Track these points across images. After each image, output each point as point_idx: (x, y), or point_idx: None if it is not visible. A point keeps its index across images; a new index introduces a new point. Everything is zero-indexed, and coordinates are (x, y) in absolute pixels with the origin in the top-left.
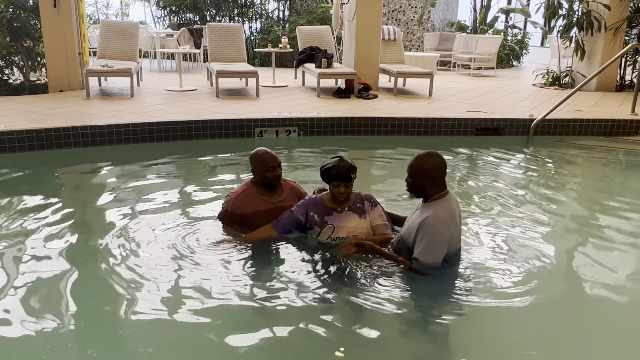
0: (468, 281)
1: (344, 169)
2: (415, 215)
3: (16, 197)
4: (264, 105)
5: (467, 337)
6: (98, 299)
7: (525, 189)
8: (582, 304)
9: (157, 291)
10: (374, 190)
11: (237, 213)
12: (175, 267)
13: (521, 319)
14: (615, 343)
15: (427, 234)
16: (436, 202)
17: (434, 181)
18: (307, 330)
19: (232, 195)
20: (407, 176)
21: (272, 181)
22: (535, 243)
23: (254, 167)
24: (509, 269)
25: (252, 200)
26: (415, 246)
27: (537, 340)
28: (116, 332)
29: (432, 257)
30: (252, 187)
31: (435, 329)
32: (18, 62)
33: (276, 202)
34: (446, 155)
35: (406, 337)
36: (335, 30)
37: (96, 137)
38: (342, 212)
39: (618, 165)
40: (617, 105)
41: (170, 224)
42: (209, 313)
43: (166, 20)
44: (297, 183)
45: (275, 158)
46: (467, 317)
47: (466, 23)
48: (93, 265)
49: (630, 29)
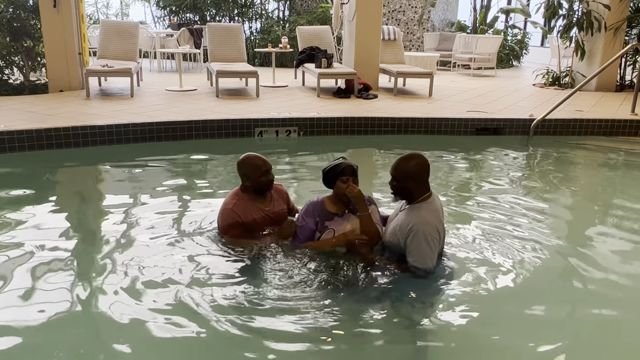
0: (464, 280)
1: (350, 165)
2: (402, 217)
3: (16, 197)
4: (264, 105)
5: (461, 335)
6: (98, 299)
7: (525, 188)
8: (581, 303)
9: (157, 292)
10: (374, 190)
11: (241, 221)
12: (175, 268)
13: (520, 318)
14: (612, 342)
15: (418, 240)
16: (420, 205)
17: (419, 182)
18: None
19: (228, 206)
20: (391, 179)
21: (265, 186)
22: (535, 243)
23: (245, 173)
24: (508, 268)
25: (248, 209)
26: (408, 253)
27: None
28: (113, 332)
29: (430, 262)
30: (243, 195)
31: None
32: (18, 62)
33: (268, 210)
34: (446, 155)
35: (398, 337)
36: (335, 30)
37: (96, 137)
38: (342, 216)
39: (618, 166)
40: (617, 105)
41: (170, 224)
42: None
43: (166, 20)
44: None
45: (267, 162)
46: (460, 316)
47: (466, 23)
48: (93, 266)
49: (630, 29)
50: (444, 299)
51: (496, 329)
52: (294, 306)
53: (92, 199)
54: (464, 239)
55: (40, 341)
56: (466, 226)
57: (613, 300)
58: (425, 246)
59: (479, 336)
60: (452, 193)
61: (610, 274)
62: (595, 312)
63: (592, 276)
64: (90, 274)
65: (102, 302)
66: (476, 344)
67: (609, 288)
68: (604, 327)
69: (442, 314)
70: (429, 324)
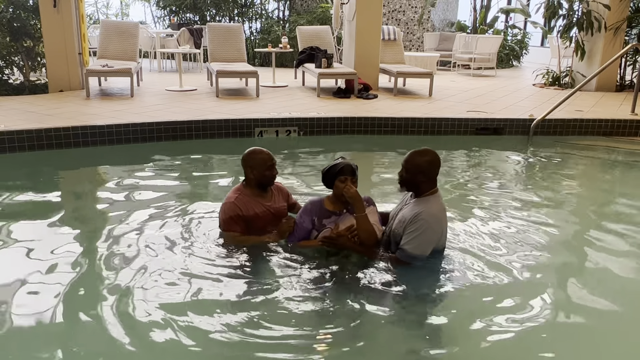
0: (464, 280)
1: (349, 165)
2: (408, 209)
3: (16, 197)
4: (264, 105)
5: (461, 335)
6: (97, 300)
7: (525, 188)
8: (580, 302)
9: (157, 292)
10: (374, 191)
11: (242, 215)
12: (175, 268)
13: (521, 318)
14: (612, 342)
15: (419, 227)
16: (428, 198)
17: (429, 177)
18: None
19: (230, 199)
20: (401, 170)
21: (269, 180)
22: (534, 243)
23: (251, 165)
24: (508, 268)
25: (250, 203)
26: (403, 237)
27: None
28: (113, 332)
29: (420, 250)
30: (246, 190)
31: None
32: (18, 62)
33: (269, 205)
34: (446, 155)
35: (393, 332)
36: (335, 30)
37: (96, 137)
38: (340, 215)
39: (618, 166)
40: (617, 105)
41: (170, 224)
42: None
43: (166, 20)
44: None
45: (273, 157)
46: (460, 315)
47: (466, 23)
48: (93, 266)
49: (630, 29)
50: (444, 299)
51: (496, 329)
52: (295, 306)
53: (92, 199)
54: (464, 239)
55: (40, 341)
56: (466, 226)
57: (613, 300)
58: (422, 233)
59: (478, 336)
60: (452, 193)
61: (610, 274)
62: (596, 311)
63: (592, 276)
64: (89, 274)
65: (102, 302)
66: (476, 343)
67: (609, 288)
68: (605, 327)
69: (442, 313)
70: (428, 324)
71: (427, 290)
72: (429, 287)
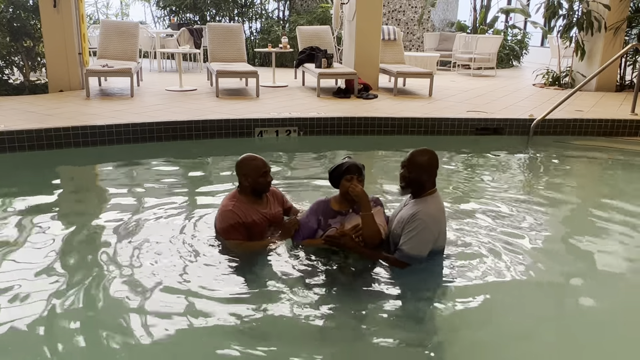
0: (462, 280)
1: (355, 164)
2: (406, 209)
3: (16, 197)
4: (264, 105)
5: (461, 334)
6: (97, 300)
7: (525, 189)
8: (580, 302)
9: (156, 292)
10: (375, 190)
11: (242, 222)
12: (175, 268)
13: (521, 317)
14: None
15: (417, 227)
16: (426, 199)
17: (431, 176)
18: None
19: (227, 207)
20: (404, 171)
21: (264, 187)
22: (534, 243)
23: (245, 173)
24: (508, 267)
25: (247, 210)
26: (402, 237)
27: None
28: (112, 332)
29: (418, 250)
30: (241, 197)
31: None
32: (18, 62)
33: (266, 212)
34: (446, 155)
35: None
36: (335, 30)
37: (96, 137)
38: (346, 215)
39: (618, 166)
40: (617, 105)
41: (170, 224)
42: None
43: (166, 20)
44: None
45: (266, 163)
46: (460, 315)
47: (466, 23)
48: (93, 266)
49: (630, 29)
50: (444, 299)
51: (496, 329)
52: (295, 306)
53: (92, 199)
54: (464, 239)
55: (38, 340)
56: (466, 226)
57: (613, 300)
58: (419, 233)
59: (479, 335)
60: (451, 193)
61: (610, 273)
62: (596, 311)
63: (592, 276)
64: (89, 275)
65: (102, 302)
66: (476, 343)
67: (609, 287)
68: (604, 327)
69: (442, 313)
70: (428, 324)
71: (427, 291)
72: (429, 288)
